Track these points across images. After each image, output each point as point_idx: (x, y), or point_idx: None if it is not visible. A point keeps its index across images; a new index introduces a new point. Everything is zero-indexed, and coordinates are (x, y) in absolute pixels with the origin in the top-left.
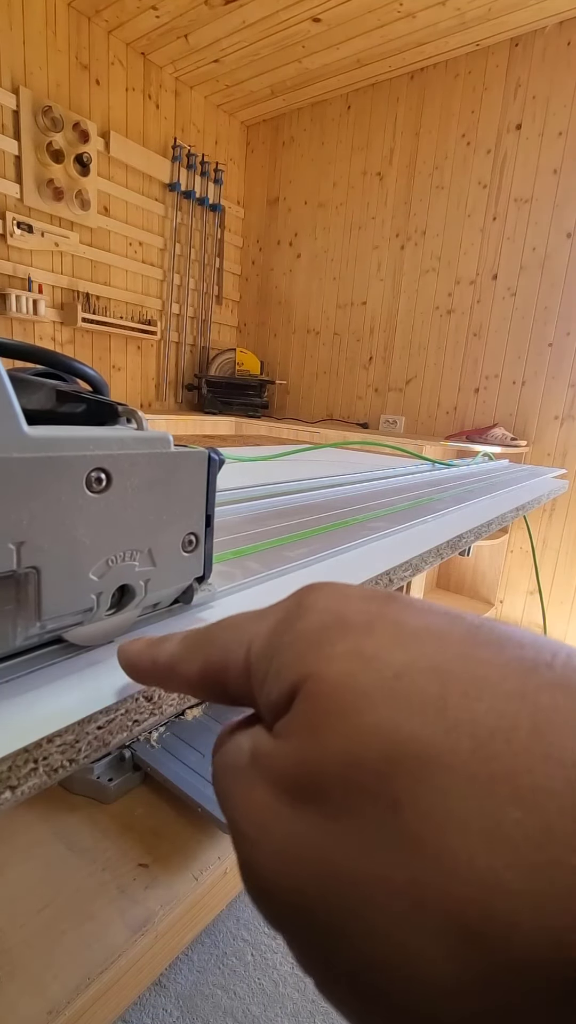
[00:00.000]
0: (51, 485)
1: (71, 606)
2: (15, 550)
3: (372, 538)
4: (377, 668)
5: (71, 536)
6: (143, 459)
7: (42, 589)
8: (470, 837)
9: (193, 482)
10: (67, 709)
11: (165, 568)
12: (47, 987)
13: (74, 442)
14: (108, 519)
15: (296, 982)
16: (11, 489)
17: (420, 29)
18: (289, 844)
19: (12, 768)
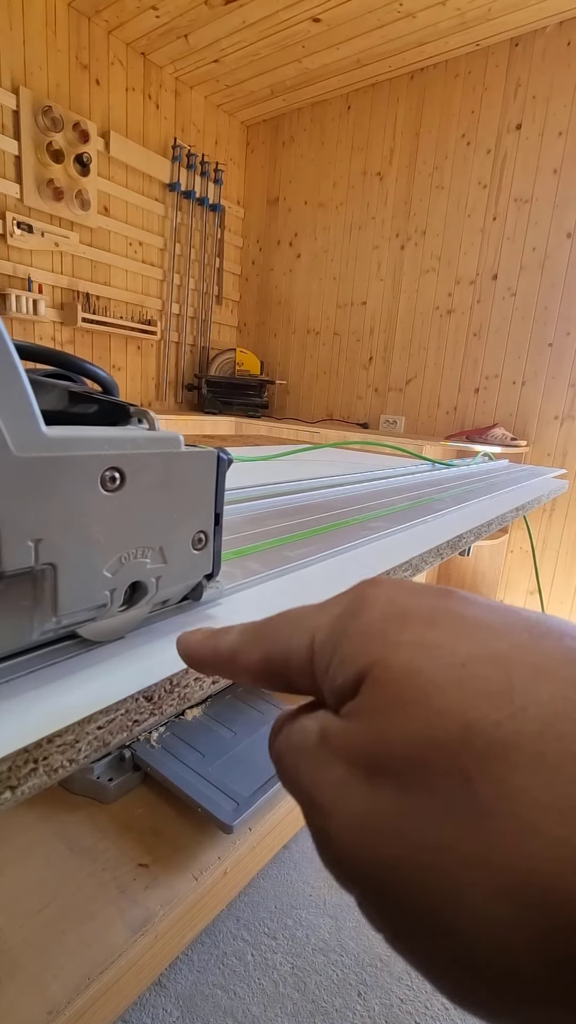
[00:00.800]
0: (68, 484)
1: (86, 602)
2: (33, 547)
3: (372, 538)
4: (442, 656)
5: (86, 534)
6: (155, 459)
7: (58, 585)
8: (538, 809)
9: (203, 481)
10: (81, 702)
11: (176, 565)
12: (47, 987)
13: (89, 442)
14: (121, 517)
15: (296, 982)
16: (30, 487)
17: (420, 29)
18: (365, 816)
19: (12, 768)
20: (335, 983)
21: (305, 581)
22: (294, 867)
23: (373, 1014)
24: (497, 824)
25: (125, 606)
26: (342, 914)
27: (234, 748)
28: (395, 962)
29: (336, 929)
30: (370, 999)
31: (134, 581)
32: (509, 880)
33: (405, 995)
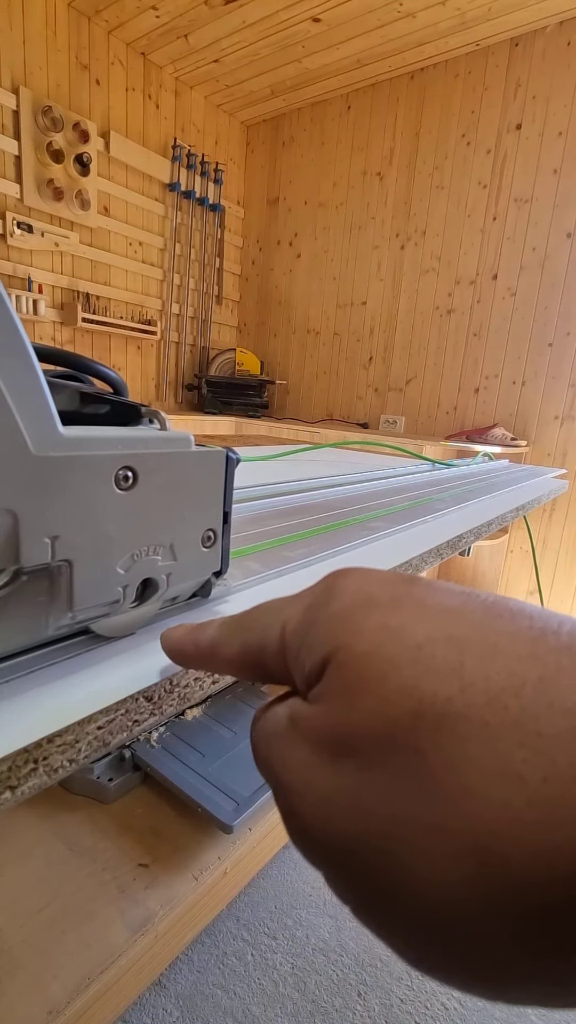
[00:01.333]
0: (83, 482)
1: (99, 598)
2: (50, 544)
3: (372, 538)
4: (402, 639)
5: (100, 531)
6: (167, 458)
7: (73, 581)
8: (485, 775)
9: (212, 480)
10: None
11: (186, 562)
12: (47, 987)
13: (104, 442)
14: (134, 515)
15: (296, 982)
16: (47, 486)
17: (420, 29)
18: (329, 793)
19: (12, 768)
20: (335, 983)
21: (306, 581)
22: (294, 867)
23: (373, 1014)
24: (448, 793)
25: (137, 602)
26: (342, 914)
27: (234, 748)
28: (395, 962)
29: (336, 929)
30: (370, 999)
31: (146, 578)
32: (460, 845)
33: (405, 995)
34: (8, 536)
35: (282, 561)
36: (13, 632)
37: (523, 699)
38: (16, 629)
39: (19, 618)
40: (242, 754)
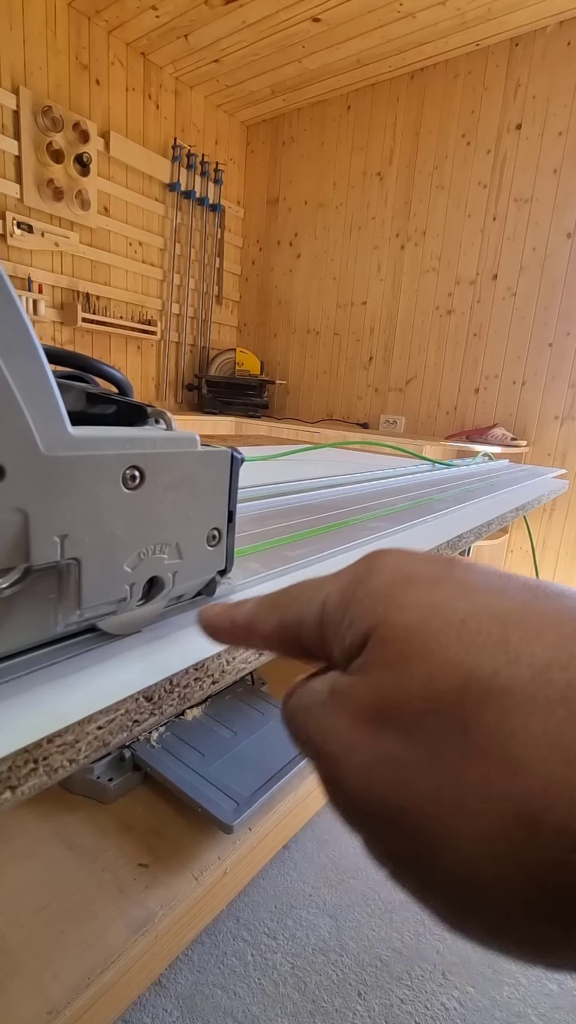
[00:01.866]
0: (92, 482)
1: (107, 596)
2: (59, 543)
3: (372, 538)
4: (444, 615)
5: (108, 530)
6: (173, 458)
7: (82, 579)
8: (531, 747)
9: (217, 480)
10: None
11: (191, 561)
12: (47, 987)
13: (112, 442)
14: (141, 514)
15: (296, 982)
16: (57, 485)
17: (420, 29)
18: (372, 761)
19: (12, 768)
20: (335, 983)
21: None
22: (294, 867)
23: (373, 1014)
24: (493, 763)
25: (143, 600)
26: (342, 914)
27: (234, 748)
28: (395, 962)
29: (336, 929)
30: (370, 999)
31: (152, 576)
32: (504, 813)
33: (405, 995)
34: (18, 535)
35: (282, 561)
36: (23, 629)
37: (569, 674)
38: (26, 626)
39: (29, 615)
40: (242, 754)
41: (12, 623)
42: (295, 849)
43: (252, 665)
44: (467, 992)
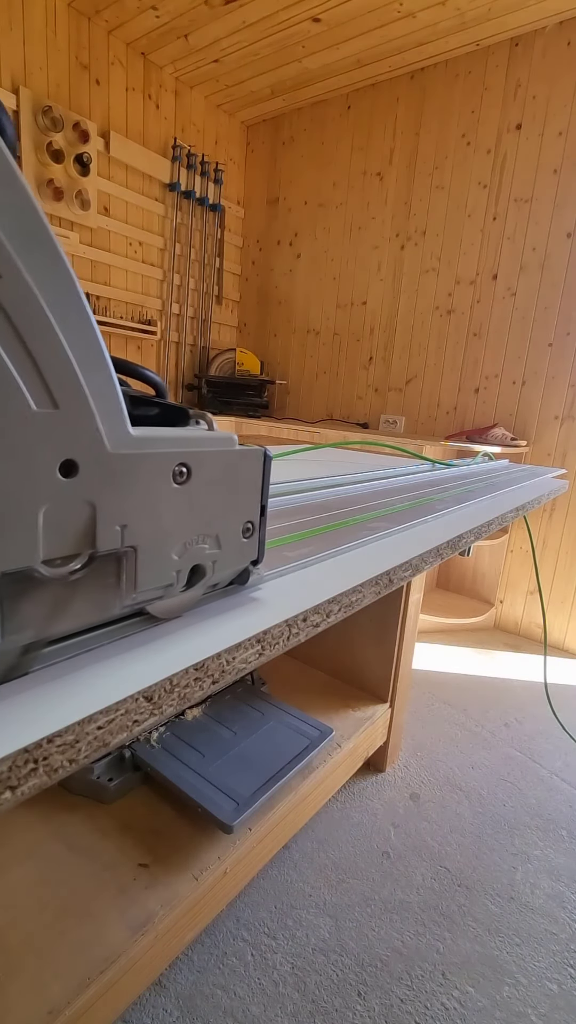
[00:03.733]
0: (147, 477)
1: (157, 581)
2: (120, 532)
3: (372, 538)
4: None
5: (160, 521)
6: (215, 456)
7: (138, 565)
8: None
9: (252, 476)
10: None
11: (228, 551)
12: (47, 987)
13: (165, 441)
14: (187, 507)
15: (296, 982)
16: (119, 480)
17: (420, 29)
18: None
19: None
20: (335, 983)
21: (312, 579)
22: (294, 867)
23: (373, 1014)
24: None
25: (186, 587)
26: (342, 914)
27: (234, 748)
28: (395, 962)
29: (336, 929)
30: (370, 999)
31: (195, 564)
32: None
33: (405, 995)
34: (87, 524)
35: (282, 561)
36: (87, 610)
37: None
38: (89, 607)
39: (92, 598)
40: (242, 754)
41: (77, 604)
42: (295, 849)
43: (252, 665)
44: (467, 992)
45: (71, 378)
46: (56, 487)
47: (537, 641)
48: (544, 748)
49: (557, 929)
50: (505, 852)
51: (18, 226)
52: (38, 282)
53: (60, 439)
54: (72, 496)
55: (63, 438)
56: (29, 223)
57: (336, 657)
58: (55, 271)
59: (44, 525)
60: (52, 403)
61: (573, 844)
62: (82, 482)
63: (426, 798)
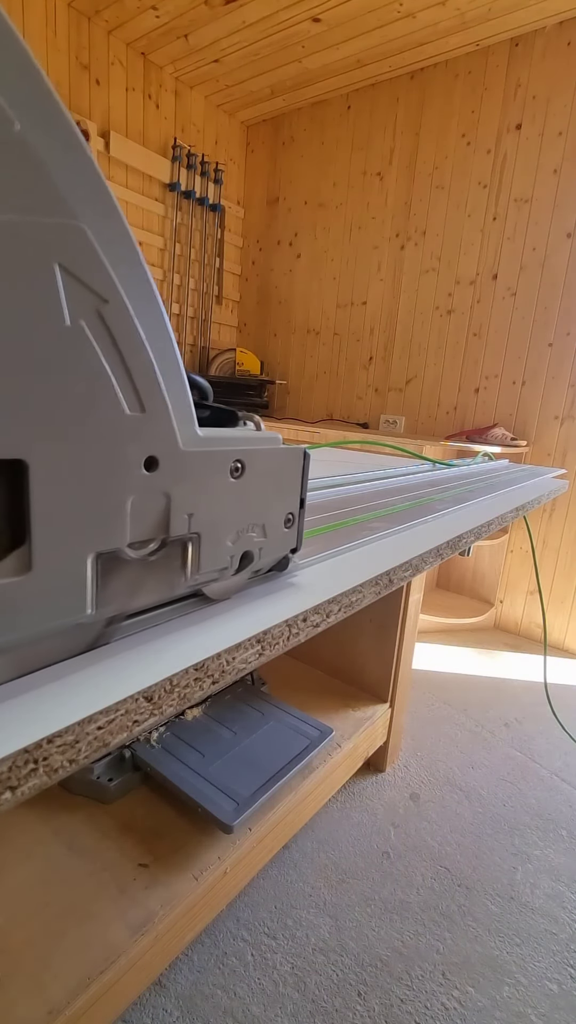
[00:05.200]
0: (210, 472)
1: (215, 564)
2: (187, 520)
3: (372, 538)
4: None
5: (219, 511)
6: (264, 453)
7: (200, 550)
8: None
9: (294, 471)
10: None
11: (273, 540)
12: (47, 987)
13: (224, 440)
14: (240, 499)
15: (296, 982)
16: (189, 474)
17: (420, 29)
18: None
19: (12, 768)
20: (335, 983)
21: (313, 578)
22: (294, 867)
23: (373, 1014)
24: None
25: (236, 571)
26: (342, 914)
27: (234, 748)
28: (395, 962)
29: (336, 929)
30: (370, 999)
31: (245, 551)
32: None
33: (405, 995)
34: (163, 512)
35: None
36: (157, 589)
37: None
38: (159, 586)
39: (162, 578)
40: (242, 754)
41: (150, 583)
42: (295, 849)
43: (252, 665)
44: (467, 992)
45: (155, 386)
46: (141, 480)
47: (537, 641)
48: (544, 748)
49: (557, 929)
50: (505, 852)
51: (120, 255)
52: (133, 303)
53: (145, 438)
54: (152, 488)
55: (147, 437)
56: (128, 252)
57: (336, 657)
58: (146, 293)
59: (131, 513)
60: (140, 407)
61: (573, 844)
62: (160, 476)
63: (426, 798)
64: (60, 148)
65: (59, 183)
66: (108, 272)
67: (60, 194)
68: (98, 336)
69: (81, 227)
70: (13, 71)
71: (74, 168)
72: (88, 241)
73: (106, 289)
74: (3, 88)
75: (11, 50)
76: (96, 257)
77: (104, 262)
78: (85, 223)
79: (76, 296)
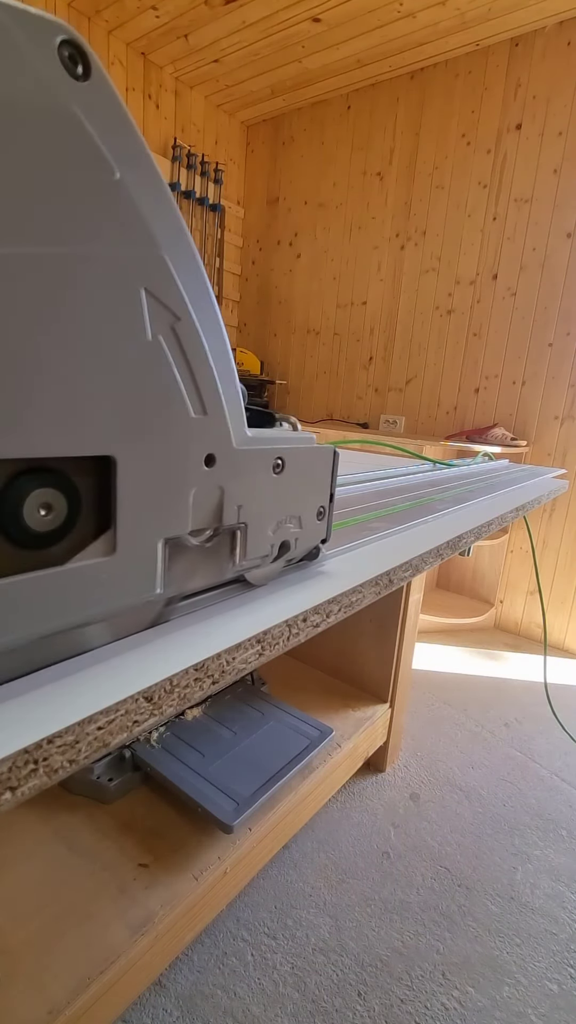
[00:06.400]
0: (256, 468)
1: (258, 552)
2: (237, 511)
3: (372, 538)
4: None
5: (262, 503)
6: (300, 452)
7: (247, 539)
8: None
9: (325, 468)
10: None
11: (306, 531)
12: (47, 987)
13: (268, 439)
14: (280, 493)
15: (296, 982)
16: (240, 469)
17: (420, 29)
18: None
19: (12, 769)
20: (335, 983)
21: (315, 579)
22: (294, 867)
23: (373, 1014)
24: None
25: (274, 559)
26: (342, 914)
27: (234, 748)
28: (395, 962)
29: (336, 929)
30: (370, 999)
31: (284, 540)
32: None
33: (405, 995)
34: (218, 504)
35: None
36: (207, 573)
37: None
38: (210, 571)
39: (213, 564)
40: (242, 754)
41: (202, 568)
42: (295, 849)
43: (252, 665)
44: (467, 992)
45: (215, 391)
46: (201, 474)
47: (537, 641)
48: (544, 748)
49: (557, 929)
50: (505, 852)
51: (190, 277)
52: (200, 319)
53: (206, 437)
54: (210, 482)
55: (208, 437)
56: (196, 275)
57: (336, 657)
58: (209, 310)
59: (193, 503)
60: (203, 410)
61: (573, 844)
62: (217, 471)
63: (426, 798)
64: (149, 191)
65: (148, 220)
66: (181, 293)
67: (149, 230)
68: (172, 348)
69: (163, 256)
70: (116, 131)
71: (158, 207)
72: (168, 268)
73: (179, 308)
74: (109, 145)
75: (115, 114)
76: (173, 281)
77: (179, 285)
78: (166, 253)
79: (156, 315)
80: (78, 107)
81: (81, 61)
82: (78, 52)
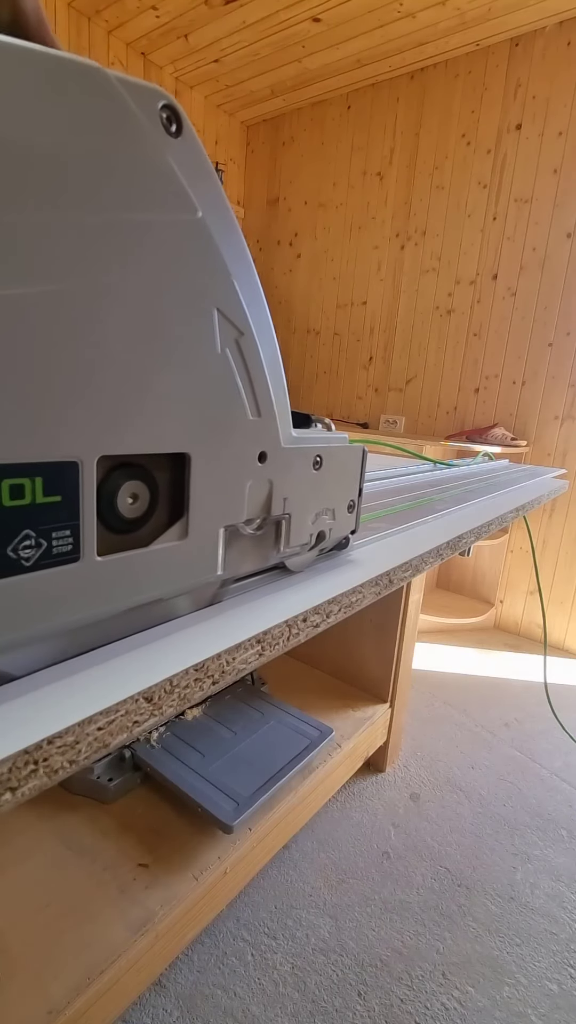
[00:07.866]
0: (300, 464)
1: (299, 541)
2: (283, 503)
3: (372, 538)
4: None
5: (304, 496)
6: (336, 450)
7: (290, 529)
8: None
9: (355, 465)
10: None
11: (339, 522)
12: (47, 987)
13: (309, 439)
14: (318, 487)
15: (296, 982)
16: (286, 465)
17: (420, 29)
18: None
19: (12, 769)
20: (335, 983)
21: (321, 575)
22: (294, 867)
23: (373, 1014)
24: None
25: (311, 548)
26: (342, 914)
27: (234, 748)
28: (395, 962)
29: (336, 929)
30: (370, 999)
31: (320, 530)
32: None
33: (405, 995)
34: (267, 496)
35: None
36: (255, 558)
37: None
38: (258, 557)
39: (260, 550)
40: (242, 754)
41: (251, 554)
42: (295, 849)
43: (252, 666)
44: (467, 992)
45: (268, 397)
46: (256, 469)
47: (537, 641)
48: (544, 748)
49: (557, 929)
50: (505, 852)
51: (251, 297)
52: (258, 333)
53: (260, 437)
54: (262, 476)
55: (261, 436)
56: (256, 294)
57: (336, 657)
58: (266, 324)
59: (248, 495)
60: (258, 413)
61: (573, 844)
62: (268, 467)
63: (426, 798)
64: (223, 226)
65: (222, 251)
66: (244, 311)
67: (223, 259)
68: (235, 359)
69: (232, 281)
70: (200, 178)
71: (230, 239)
72: (235, 291)
73: (243, 324)
74: (194, 189)
75: (200, 164)
76: (239, 302)
77: (243, 304)
78: (235, 278)
79: (224, 330)
80: (172, 159)
81: (175, 121)
82: (174, 114)
